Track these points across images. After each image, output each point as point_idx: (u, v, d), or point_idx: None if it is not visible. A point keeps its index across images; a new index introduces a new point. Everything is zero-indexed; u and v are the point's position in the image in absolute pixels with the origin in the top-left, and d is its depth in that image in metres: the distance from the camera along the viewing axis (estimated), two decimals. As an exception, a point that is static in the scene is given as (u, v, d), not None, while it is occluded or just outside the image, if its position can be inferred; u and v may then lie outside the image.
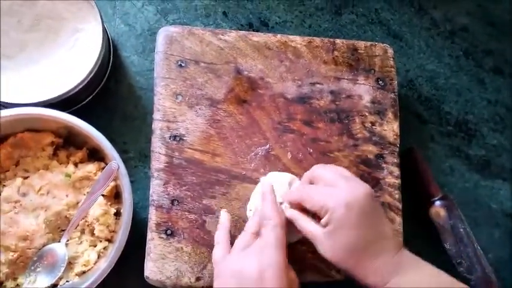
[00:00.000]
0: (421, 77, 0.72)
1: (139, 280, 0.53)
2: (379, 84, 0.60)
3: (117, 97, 0.61)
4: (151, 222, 0.51)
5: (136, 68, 0.63)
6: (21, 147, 0.54)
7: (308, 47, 0.59)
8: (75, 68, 0.57)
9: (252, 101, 0.56)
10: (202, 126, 0.55)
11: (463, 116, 0.72)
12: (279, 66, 0.58)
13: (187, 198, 0.52)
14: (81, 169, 0.54)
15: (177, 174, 0.53)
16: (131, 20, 0.64)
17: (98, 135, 0.52)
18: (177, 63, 0.55)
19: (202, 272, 0.51)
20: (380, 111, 0.59)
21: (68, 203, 0.53)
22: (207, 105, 0.55)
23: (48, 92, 0.55)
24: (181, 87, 0.55)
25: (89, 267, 0.53)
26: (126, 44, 0.63)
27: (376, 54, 0.61)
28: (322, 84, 0.58)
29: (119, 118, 0.61)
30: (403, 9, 0.74)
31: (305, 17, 0.69)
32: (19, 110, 0.51)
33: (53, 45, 0.58)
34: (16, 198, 0.52)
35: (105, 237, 0.54)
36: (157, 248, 0.51)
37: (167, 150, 0.53)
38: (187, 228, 0.52)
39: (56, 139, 0.55)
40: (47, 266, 0.52)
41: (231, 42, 0.57)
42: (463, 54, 0.74)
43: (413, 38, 0.73)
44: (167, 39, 0.56)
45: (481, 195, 0.69)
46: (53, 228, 0.53)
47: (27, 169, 0.54)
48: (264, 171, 0.55)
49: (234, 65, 0.57)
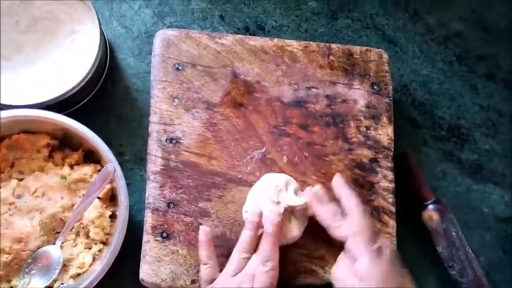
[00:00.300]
0: (415, 81, 0.72)
1: (134, 282, 0.53)
2: (374, 89, 0.61)
3: (113, 99, 0.61)
4: (147, 225, 0.52)
5: (132, 70, 0.63)
6: (16, 149, 0.54)
7: (304, 52, 0.60)
8: (72, 70, 0.57)
9: (248, 105, 0.57)
10: (199, 129, 0.55)
11: (456, 121, 0.73)
12: (276, 70, 0.58)
13: (183, 201, 0.53)
14: (77, 171, 0.54)
15: (173, 177, 0.53)
16: (128, 22, 0.64)
17: (94, 138, 0.52)
18: (174, 66, 0.56)
19: (197, 275, 0.51)
20: (375, 116, 0.60)
21: (63, 205, 0.53)
22: (203, 109, 0.55)
23: (44, 94, 0.54)
24: (178, 90, 0.55)
25: (84, 269, 0.53)
26: (123, 46, 0.63)
27: (371, 59, 0.62)
28: (318, 89, 0.59)
29: (115, 120, 0.61)
30: (398, 14, 0.74)
31: (301, 21, 0.70)
32: (16, 112, 0.51)
33: (50, 46, 0.58)
34: (11, 200, 0.52)
35: (100, 239, 0.54)
36: (153, 250, 0.51)
37: (163, 153, 0.53)
38: (183, 231, 0.52)
39: (52, 141, 0.55)
40: (42, 269, 0.52)
41: (228, 45, 0.58)
42: (456, 59, 0.75)
43: (407, 43, 0.74)
44: (164, 42, 0.56)
45: (472, 199, 0.70)
46: (47, 231, 0.53)
47: (22, 171, 0.54)
48: (260, 174, 0.55)
49: (231, 68, 0.57)
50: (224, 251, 0.52)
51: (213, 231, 0.52)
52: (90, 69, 0.54)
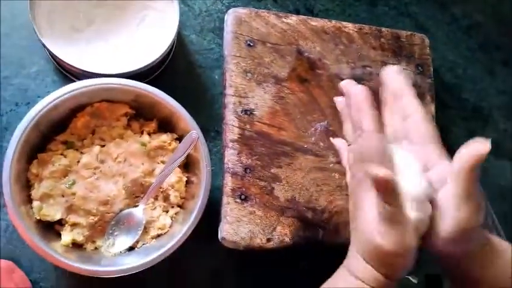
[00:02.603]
0: (443, 66, 0.79)
1: (209, 242, 0.57)
2: (418, 69, 0.67)
3: (178, 74, 0.64)
4: (227, 188, 0.56)
5: (195, 47, 0.66)
6: (97, 116, 0.56)
7: (359, 33, 0.65)
8: (146, 44, 0.59)
9: (311, 80, 0.61)
10: (269, 102, 0.59)
11: (479, 103, 0.80)
12: (335, 49, 0.63)
13: (257, 167, 0.57)
14: (155, 139, 0.57)
15: (248, 145, 0.57)
16: (190, 1, 0.67)
17: (178, 106, 0.55)
18: (246, 43, 0.59)
19: (272, 234, 0.56)
20: (420, 94, 0.65)
21: (144, 170, 0.56)
22: (273, 83, 0.60)
23: (117, 66, 0.57)
24: (251, 66, 0.59)
25: (164, 230, 0.56)
26: (186, 23, 0.66)
27: (416, 43, 0.68)
28: (371, 67, 0.64)
29: (180, 94, 0.64)
30: (428, 3, 0.81)
31: (345, 6, 0.75)
32: (102, 80, 0.54)
33: (120, 20, 0.60)
34: (96, 164, 0.55)
35: (177, 203, 0.57)
36: (233, 211, 0.55)
37: (240, 123, 0.57)
38: (259, 194, 0.56)
39: (130, 110, 0.58)
40: (125, 230, 0.55)
41: (292, 25, 0.62)
42: (478, 47, 0.83)
43: (437, 31, 0.80)
44: (237, 20, 0.60)
45: (493, 174, 0.78)
46: (129, 194, 0.55)
47: (103, 138, 0.56)
48: (324, 145, 0.60)
49: (296, 46, 0.61)
50: (294, 213, 0.57)
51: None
52: (171, 44, 0.57)
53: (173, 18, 0.58)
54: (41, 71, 0.61)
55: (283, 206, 0.57)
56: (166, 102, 0.55)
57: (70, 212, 0.53)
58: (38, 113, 0.51)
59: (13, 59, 0.60)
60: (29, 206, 0.52)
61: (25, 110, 0.58)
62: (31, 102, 0.59)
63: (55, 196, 0.53)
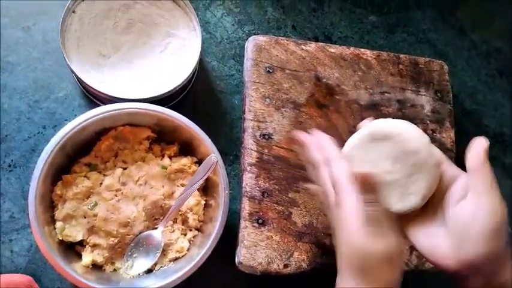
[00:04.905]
0: (463, 92, 0.79)
1: (226, 266, 0.57)
2: (438, 96, 0.67)
3: (199, 99, 0.66)
4: (245, 212, 0.56)
5: (216, 73, 0.68)
6: (120, 140, 0.58)
7: (377, 60, 0.66)
8: (169, 70, 0.61)
9: (330, 106, 0.62)
10: (288, 126, 0.60)
11: (499, 129, 0.79)
12: (353, 76, 0.64)
13: (275, 191, 0.57)
14: (176, 162, 0.58)
15: (266, 169, 0.58)
16: (212, 28, 0.69)
17: (198, 131, 0.56)
18: (266, 69, 0.61)
19: (289, 260, 0.56)
20: (439, 120, 0.66)
21: (164, 193, 0.57)
22: (291, 108, 0.61)
23: (141, 91, 0.59)
24: (270, 91, 0.60)
25: (182, 253, 0.56)
26: (208, 50, 0.68)
27: (434, 69, 0.68)
28: (390, 94, 0.65)
29: (201, 119, 0.65)
30: (447, 30, 0.81)
31: (363, 33, 0.76)
32: (127, 105, 0.55)
33: (145, 47, 0.63)
34: (117, 186, 0.56)
35: (195, 226, 0.58)
36: (251, 236, 0.55)
37: (258, 147, 0.58)
38: (276, 219, 0.56)
39: (152, 134, 0.59)
40: (143, 252, 0.55)
41: (311, 52, 0.63)
42: (497, 73, 0.82)
43: (456, 57, 0.80)
44: (257, 47, 0.61)
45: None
46: (148, 216, 0.56)
47: (126, 160, 0.58)
48: (342, 169, 0.60)
49: (314, 72, 0.63)
50: (312, 238, 0.57)
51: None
52: (194, 70, 0.59)
53: (195, 46, 0.60)
54: (68, 95, 0.63)
55: (300, 231, 0.57)
56: (187, 126, 0.56)
57: (91, 233, 0.54)
58: (64, 136, 0.53)
59: (44, 83, 0.63)
60: (52, 226, 0.53)
61: (52, 132, 0.60)
62: (58, 125, 0.62)
63: (77, 217, 0.54)
